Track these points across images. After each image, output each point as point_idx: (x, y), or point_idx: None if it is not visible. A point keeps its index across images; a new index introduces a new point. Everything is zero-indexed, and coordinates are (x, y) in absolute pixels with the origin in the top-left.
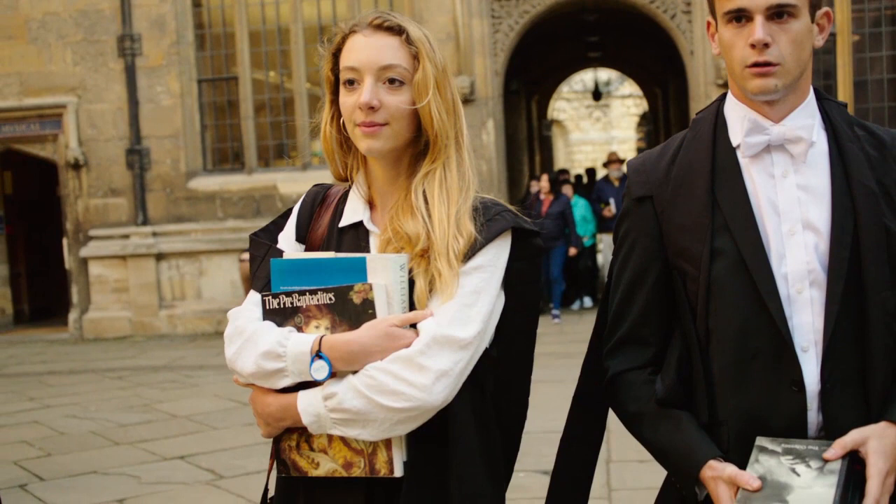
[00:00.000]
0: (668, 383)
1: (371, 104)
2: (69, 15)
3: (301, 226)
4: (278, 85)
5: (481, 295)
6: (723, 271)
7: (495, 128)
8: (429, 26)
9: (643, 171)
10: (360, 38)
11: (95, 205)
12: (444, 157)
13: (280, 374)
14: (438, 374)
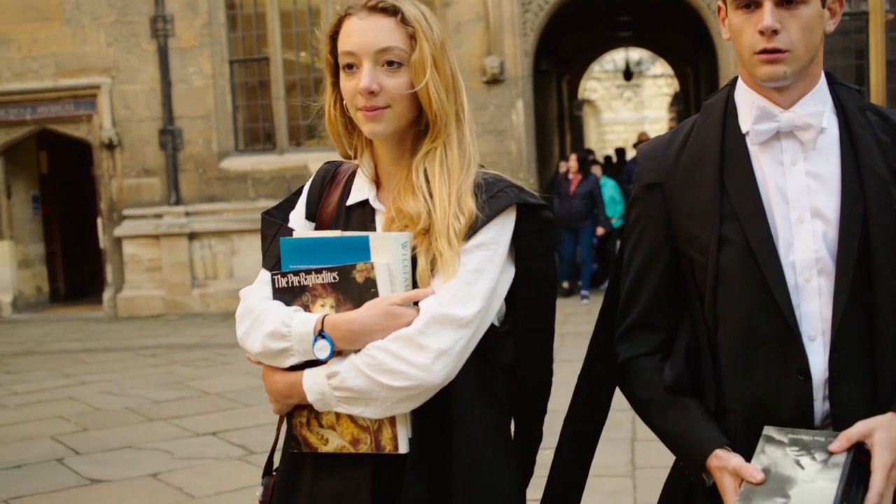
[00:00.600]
0: (677, 370)
1: (370, 89)
2: None
3: (311, 204)
4: (309, 65)
5: (483, 273)
6: (730, 259)
7: (524, 108)
8: (459, 7)
9: (653, 158)
10: (355, 21)
11: (129, 185)
12: (444, 136)
13: (286, 354)
14: (438, 353)
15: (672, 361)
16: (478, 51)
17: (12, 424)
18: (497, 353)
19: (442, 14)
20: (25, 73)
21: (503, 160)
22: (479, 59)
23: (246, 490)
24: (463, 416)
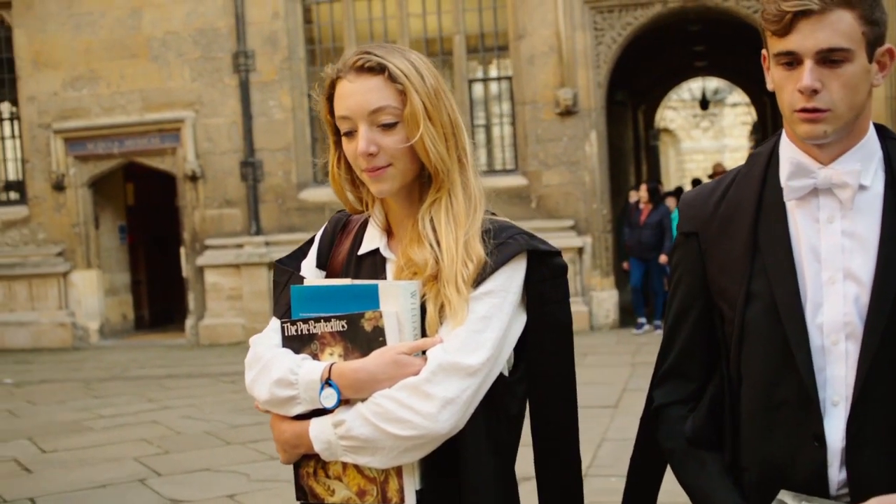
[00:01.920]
0: (698, 422)
1: (368, 151)
2: (188, 34)
3: (322, 253)
4: None
5: (491, 320)
6: (756, 316)
7: (598, 139)
8: (532, 39)
9: (693, 206)
10: (346, 84)
11: (211, 215)
12: (448, 184)
13: (293, 402)
14: (444, 401)
15: (696, 413)
16: (551, 83)
17: (99, 446)
18: (505, 401)
19: (515, 47)
20: (114, 108)
21: (577, 191)
22: (553, 91)
23: None
24: (472, 467)
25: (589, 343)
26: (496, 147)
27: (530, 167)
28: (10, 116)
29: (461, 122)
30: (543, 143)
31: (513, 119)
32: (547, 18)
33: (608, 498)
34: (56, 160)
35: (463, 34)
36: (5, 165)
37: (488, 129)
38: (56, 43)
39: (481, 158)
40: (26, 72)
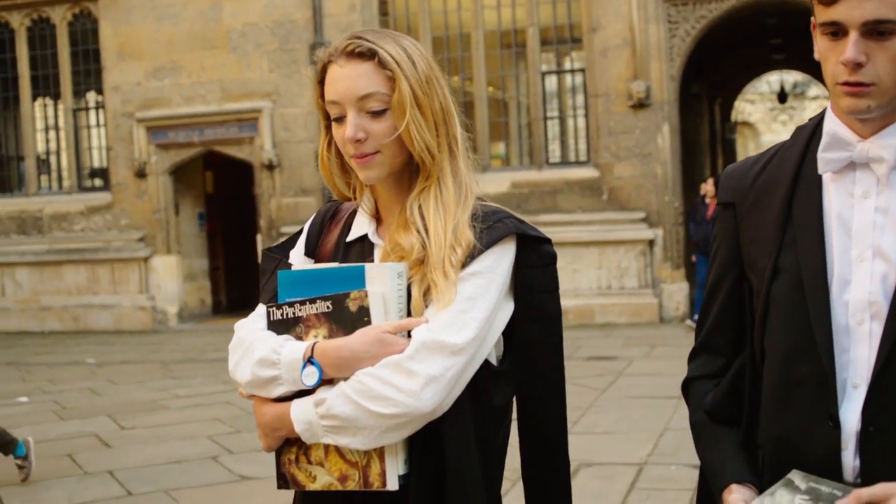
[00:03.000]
0: (718, 397)
1: (356, 137)
2: (266, 25)
3: (311, 241)
4: (459, 89)
5: (477, 301)
6: (781, 290)
7: (670, 132)
8: (605, 32)
9: (733, 177)
10: (336, 69)
11: (287, 203)
12: (437, 172)
13: (275, 382)
14: (428, 379)
15: (718, 387)
16: (624, 75)
17: (174, 424)
18: (490, 390)
19: (589, 40)
20: (194, 98)
21: (648, 183)
22: (626, 84)
23: None
24: (457, 452)
25: (658, 335)
26: (569, 139)
27: (602, 159)
28: (96, 106)
29: (454, 110)
30: (616, 135)
31: (585, 111)
32: (621, 11)
33: (668, 485)
34: (138, 148)
35: (537, 26)
36: (91, 153)
37: (562, 122)
38: (140, 34)
39: (555, 151)
40: (111, 62)
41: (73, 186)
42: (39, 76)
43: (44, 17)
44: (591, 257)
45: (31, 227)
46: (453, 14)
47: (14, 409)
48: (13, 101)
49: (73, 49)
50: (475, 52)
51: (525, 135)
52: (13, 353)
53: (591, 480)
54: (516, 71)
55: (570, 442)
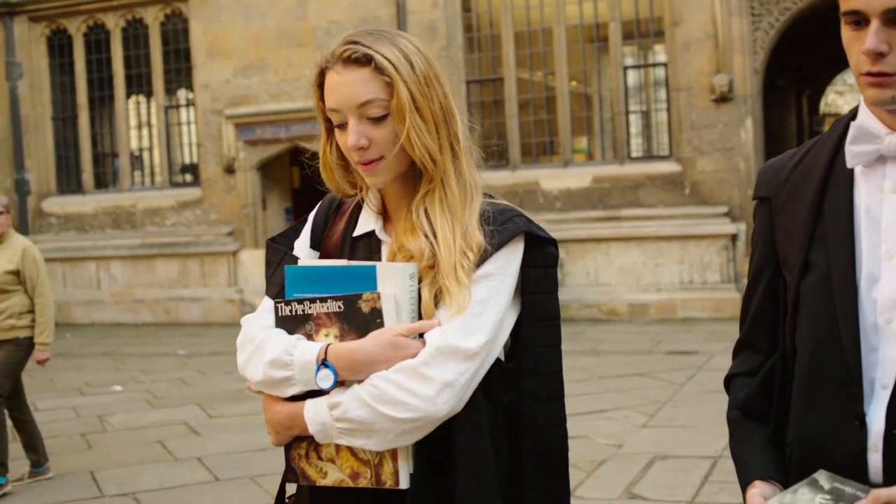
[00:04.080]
0: (749, 392)
1: (359, 145)
2: (351, 23)
3: (315, 233)
4: (542, 84)
5: (489, 304)
6: (811, 286)
7: (754, 125)
8: (688, 26)
9: (770, 171)
10: (334, 76)
11: None
12: (440, 174)
13: (287, 383)
14: (443, 384)
15: (751, 383)
16: (706, 69)
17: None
18: (498, 388)
19: (671, 33)
20: (280, 95)
21: (731, 177)
22: (708, 78)
23: None
24: (466, 450)
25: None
26: (651, 133)
27: (684, 153)
28: (187, 103)
29: (455, 108)
30: (698, 129)
31: (667, 105)
32: (703, 4)
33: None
34: (227, 144)
35: (619, 21)
36: (181, 150)
37: (646, 115)
38: (228, 33)
39: (637, 145)
40: (201, 61)
41: (165, 182)
42: (133, 75)
43: (137, 17)
44: (674, 252)
45: (125, 222)
46: (535, 9)
47: (109, 398)
48: (108, 99)
49: (165, 48)
50: (557, 47)
51: (608, 129)
52: (108, 344)
53: (665, 472)
54: (598, 65)
55: (646, 435)
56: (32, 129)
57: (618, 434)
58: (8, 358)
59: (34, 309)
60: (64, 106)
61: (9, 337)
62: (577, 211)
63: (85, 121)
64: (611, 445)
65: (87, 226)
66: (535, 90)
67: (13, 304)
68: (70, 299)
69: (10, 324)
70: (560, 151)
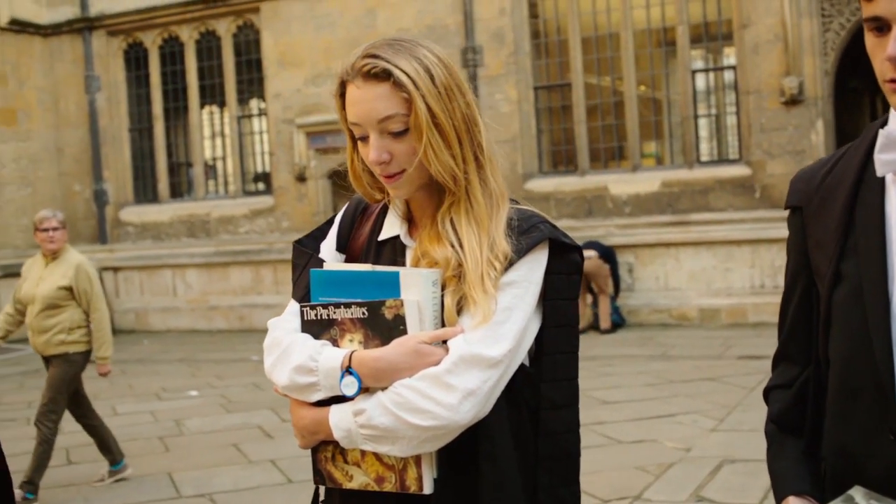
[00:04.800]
0: (783, 404)
1: (380, 160)
2: (419, 31)
3: (342, 235)
4: (609, 89)
5: (513, 311)
6: (842, 297)
7: (825, 128)
8: (756, 28)
9: (802, 180)
10: (354, 90)
11: None
12: (464, 185)
13: (312, 389)
14: (466, 393)
15: (785, 395)
16: (776, 71)
17: None
18: (524, 393)
19: (740, 36)
20: None
21: None
22: (778, 80)
23: None
24: (491, 455)
25: None
26: (720, 137)
27: (754, 157)
28: (259, 113)
29: (479, 116)
30: (768, 132)
31: (736, 108)
32: (772, 6)
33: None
34: (298, 153)
35: (686, 24)
36: (254, 158)
37: (716, 119)
38: (299, 43)
39: (704, 149)
40: (272, 71)
41: (238, 191)
42: (206, 86)
43: (210, 29)
44: (744, 256)
45: (200, 230)
46: (602, 15)
47: (185, 402)
48: (183, 110)
49: (237, 59)
50: (625, 52)
51: (677, 133)
52: (185, 351)
53: (734, 476)
54: (666, 70)
55: (715, 439)
56: (110, 140)
57: (687, 438)
58: (59, 375)
59: (87, 324)
60: (140, 117)
61: (59, 352)
62: (647, 216)
63: (160, 132)
64: (679, 449)
65: (163, 234)
66: (603, 95)
67: (64, 320)
68: (147, 307)
69: (59, 339)
70: (629, 156)
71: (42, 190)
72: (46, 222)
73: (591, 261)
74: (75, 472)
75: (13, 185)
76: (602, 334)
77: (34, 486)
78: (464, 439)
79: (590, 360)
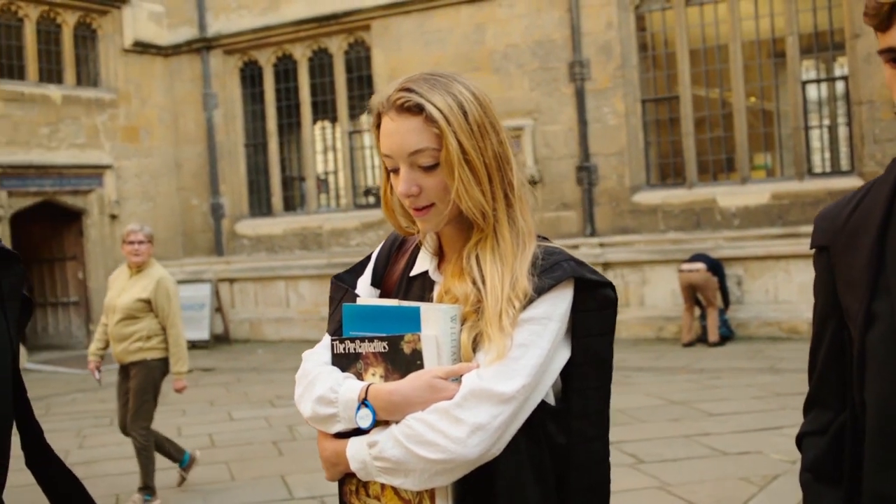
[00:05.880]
0: (818, 452)
1: (409, 193)
2: (527, 46)
3: (377, 271)
4: (718, 101)
5: (530, 348)
6: (876, 339)
7: None
8: (869, 37)
9: (826, 218)
10: (388, 122)
11: (549, 217)
12: (492, 222)
13: (333, 420)
14: (474, 427)
15: (819, 443)
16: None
17: None
18: (548, 430)
19: (852, 46)
20: None
21: None
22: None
23: (632, 492)
24: (507, 492)
25: None
26: (833, 148)
27: (867, 168)
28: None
29: (511, 154)
30: (881, 143)
31: (848, 119)
32: None
33: None
34: None
35: (796, 35)
36: (365, 172)
37: (829, 130)
38: (409, 59)
39: (816, 160)
40: (383, 87)
41: (349, 204)
42: (319, 102)
43: (322, 47)
44: None
45: (312, 243)
46: (710, 27)
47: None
48: (296, 125)
49: (349, 76)
50: (733, 64)
51: (788, 145)
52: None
53: None
54: (776, 81)
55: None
56: (226, 155)
57: (792, 450)
58: (141, 382)
59: (164, 332)
60: (255, 133)
61: (137, 359)
62: (756, 228)
63: (274, 147)
64: (785, 461)
65: (277, 247)
66: (712, 107)
67: (141, 329)
68: (261, 317)
69: (137, 346)
70: (738, 168)
71: (162, 204)
72: (133, 235)
73: (699, 273)
74: (194, 474)
75: (135, 199)
76: (710, 347)
77: (149, 489)
78: (481, 475)
79: (697, 373)
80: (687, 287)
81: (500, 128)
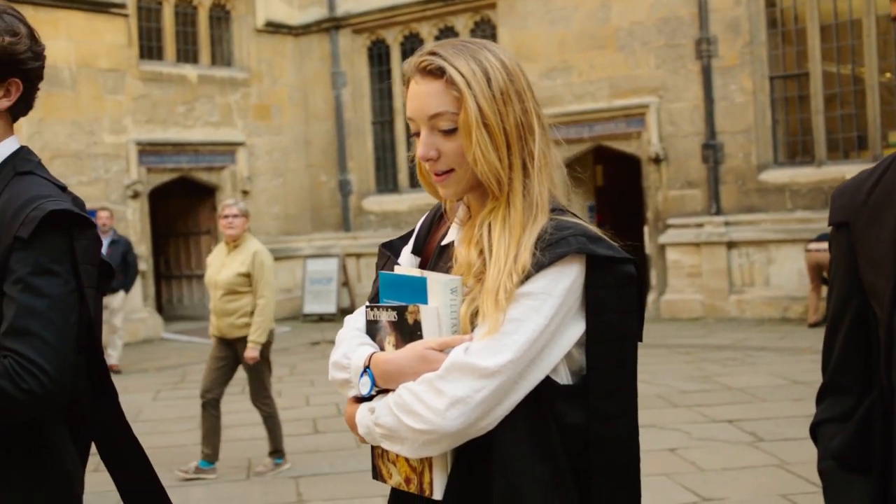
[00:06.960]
0: (845, 439)
1: (427, 156)
2: (652, 23)
3: (419, 240)
4: (849, 77)
5: (524, 323)
6: None
7: None
8: None
9: (845, 194)
10: (413, 86)
11: (673, 196)
12: (507, 190)
13: (347, 385)
14: (453, 400)
15: (845, 429)
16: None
17: None
18: (556, 408)
19: None
20: (584, 96)
21: None
22: None
23: (750, 469)
24: (503, 466)
25: None
26: None
27: None
28: None
29: (537, 125)
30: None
31: None
32: None
33: None
34: None
35: None
36: None
37: None
38: (534, 37)
39: None
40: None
41: None
42: None
43: (449, 25)
44: None
45: None
46: (843, 1)
47: None
48: None
49: None
50: (867, 39)
51: None
52: None
53: None
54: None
55: None
56: (354, 133)
57: None
58: None
59: None
60: (382, 111)
61: (243, 334)
62: None
63: (401, 124)
64: None
65: (402, 223)
66: (843, 84)
67: (245, 304)
68: None
69: (243, 321)
70: (870, 146)
71: (291, 180)
72: (228, 209)
73: (826, 252)
74: (322, 440)
75: (266, 175)
76: None
77: (279, 452)
78: (479, 449)
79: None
80: (814, 267)
81: (527, 97)
